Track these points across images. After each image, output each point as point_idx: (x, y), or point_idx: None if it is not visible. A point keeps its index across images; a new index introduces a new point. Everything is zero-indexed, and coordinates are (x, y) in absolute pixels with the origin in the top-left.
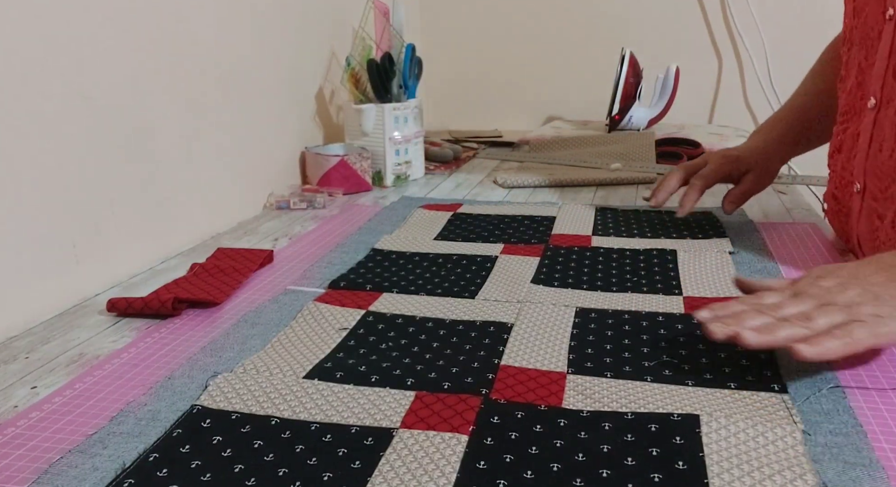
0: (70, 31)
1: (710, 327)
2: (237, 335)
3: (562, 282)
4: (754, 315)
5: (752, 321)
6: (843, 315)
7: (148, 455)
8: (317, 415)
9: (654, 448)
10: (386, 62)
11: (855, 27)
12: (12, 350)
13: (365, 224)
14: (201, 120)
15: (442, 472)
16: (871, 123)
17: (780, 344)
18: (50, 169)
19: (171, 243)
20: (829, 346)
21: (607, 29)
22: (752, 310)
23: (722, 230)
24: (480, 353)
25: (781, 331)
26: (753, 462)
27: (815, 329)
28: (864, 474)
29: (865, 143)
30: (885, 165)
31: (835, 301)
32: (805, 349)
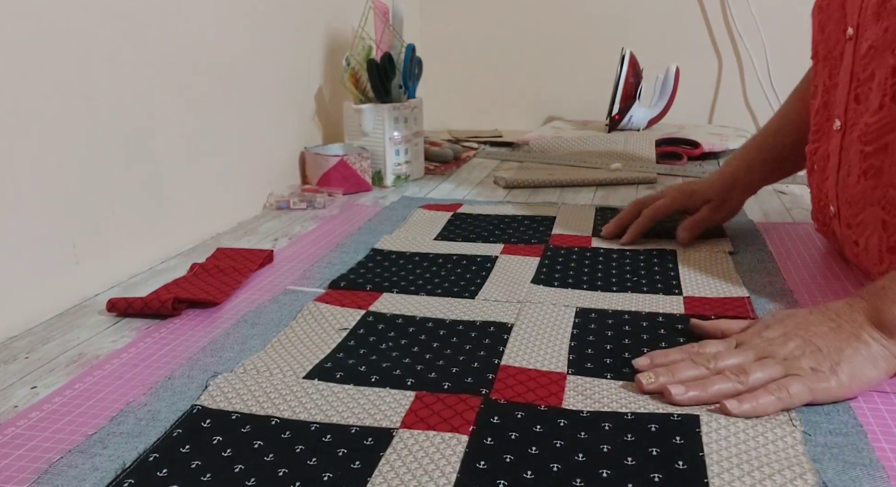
0: (70, 31)
1: (639, 378)
2: (237, 335)
3: (562, 282)
4: (689, 366)
5: (686, 372)
6: (781, 369)
7: (148, 455)
8: (317, 415)
9: (654, 447)
10: (386, 62)
11: (821, 43)
12: (12, 350)
13: (365, 224)
14: (201, 120)
15: (442, 472)
16: (838, 146)
17: (709, 400)
18: (50, 169)
19: (171, 243)
20: (762, 402)
21: (607, 29)
22: (688, 360)
23: (722, 231)
24: (480, 353)
25: (712, 386)
26: (753, 461)
27: (748, 384)
28: (863, 474)
29: (835, 166)
30: (853, 192)
31: (774, 354)
32: (734, 406)
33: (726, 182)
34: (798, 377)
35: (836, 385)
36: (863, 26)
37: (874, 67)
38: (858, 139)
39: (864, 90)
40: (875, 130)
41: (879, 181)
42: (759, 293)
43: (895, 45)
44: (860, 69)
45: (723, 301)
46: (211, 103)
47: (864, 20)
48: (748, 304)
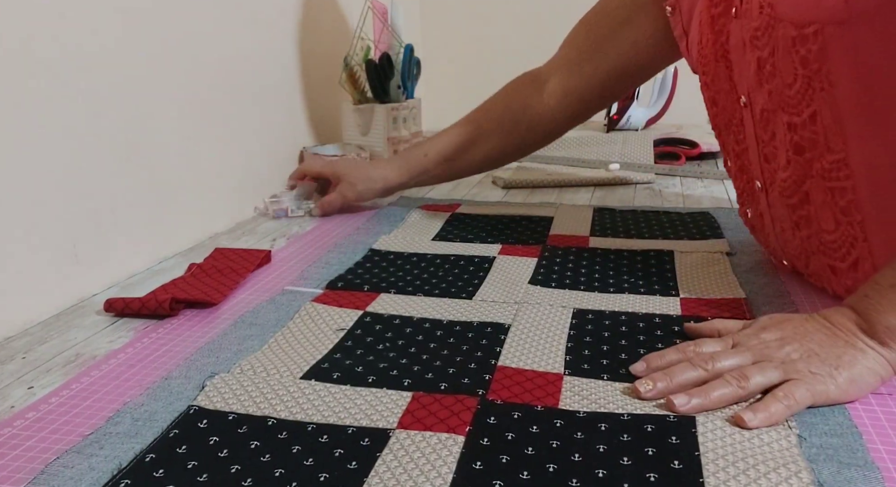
0: (70, 30)
1: (636, 385)
2: (234, 335)
3: (559, 283)
4: (687, 368)
5: (684, 375)
6: (779, 373)
7: (144, 455)
8: (314, 416)
9: (650, 448)
10: (384, 62)
11: (716, 115)
12: (9, 350)
13: (363, 225)
14: (199, 120)
15: (438, 473)
16: (765, 204)
17: (711, 407)
18: (49, 169)
19: (169, 243)
20: (773, 411)
21: None
22: (686, 362)
23: (719, 232)
24: (477, 354)
25: (713, 392)
26: (749, 460)
27: (748, 389)
28: (858, 474)
29: (770, 224)
30: (794, 245)
31: (771, 357)
32: (750, 418)
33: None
34: (799, 381)
35: (834, 389)
36: (752, 93)
37: (773, 127)
38: (780, 195)
39: (769, 149)
40: (791, 184)
41: (811, 230)
42: (756, 295)
43: (782, 104)
44: (761, 131)
45: (720, 302)
46: (209, 103)
47: (751, 87)
48: (745, 305)
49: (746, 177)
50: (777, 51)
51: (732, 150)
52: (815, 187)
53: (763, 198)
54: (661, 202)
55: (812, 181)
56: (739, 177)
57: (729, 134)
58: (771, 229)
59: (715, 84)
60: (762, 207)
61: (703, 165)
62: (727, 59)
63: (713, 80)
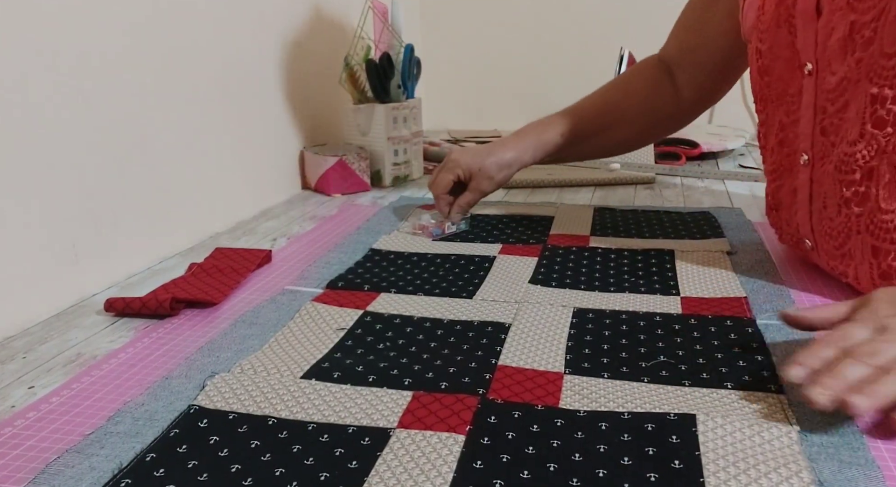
0: (70, 31)
1: (812, 395)
2: (235, 335)
3: (559, 282)
4: (852, 365)
5: (852, 372)
6: None
7: (145, 455)
8: (314, 415)
9: (650, 447)
10: (384, 62)
11: (767, 85)
12: (10, 350)
13: (363, 224)
14: (199, 120)
15: (439, 472)
16: (807, 180)
17: (886, 403)
18: (49, 169)
19: (170, 242)
20: None
21: (607, 29)
22: (847, 358)
23: (720, 231)
24: (478, 353)
25: (883, 387)
26: (749, 459)
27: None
28: (859, 473)
29: (805, 200)
30: (833, 223)
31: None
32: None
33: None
34: None
35: None
36: (824, 61)
37: (847, 97)
38: (836, 169)
39: (832, 121)
40: (857, 159)
41: (865, 208)
42: (756, 293)
43: (872, 74)
44: (827, 102)
45: (720, 301)
46: (209, 103)
47: (827, 55)
48: (746, 304)
49: (788, 150)
50: (885, 16)
51: (778, 122)
52: (886, 163)
53: (806, 172)
54: (661, 202)
55: (886, 157)
56: (778, 150)
57: (779, 105)
58: (804, 205)
59: (772, 51)
60: (800, 181)
61: (704, 165)
62: (791, 24)
63: (771, 47)
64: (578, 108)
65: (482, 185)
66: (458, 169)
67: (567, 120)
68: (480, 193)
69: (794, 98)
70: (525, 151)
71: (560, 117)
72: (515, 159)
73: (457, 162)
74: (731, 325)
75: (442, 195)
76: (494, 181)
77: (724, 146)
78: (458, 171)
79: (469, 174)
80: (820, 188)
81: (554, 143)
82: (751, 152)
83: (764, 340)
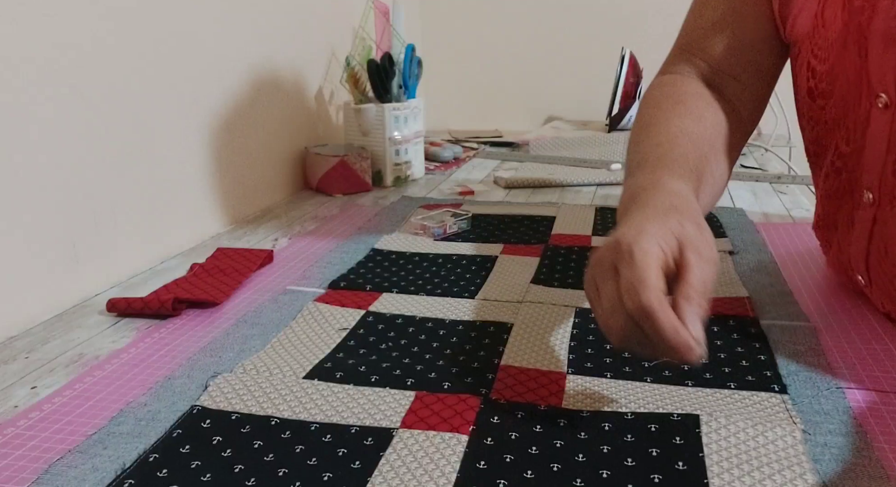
0: (70, 30)
1: None
2: (237, 335)
3: (561, 282)
4: None
5: None
6: None
7: (148, 455)
8: (317, 415)
9: (653, 448)
10: (386, 62)
11: (820, 108)
12: (12, 350)
13: (365, 224)
14: (200, 119)
15: (442, 472)
16: (870, 220)
17: None
18: (50, 169)
19: (171, 243)
20: None
21: (607, 29)
22: None
23: (722, 231)
24: (480, 353)
25: None
26: (753, 461)
27: None
28: (863, 474)
29: (864, 237)
30: (894, 269)
31: None
32: None
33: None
34: None
35: None
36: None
37: None
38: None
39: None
40: None
41: None
42: (758, 293)
43: None
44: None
45: (722, 301)
46: (210, 103)
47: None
48: (748, 304)
49: (847, 177)
50: None
51: (834, 146)
52: None
53: (870, 211)
54: None
55: None
56: (833, 176)
57: (838, 130)
58: (862, 243)
59: (833, 73)
60: (860, 217)
61: None
62: (862, 45)
63: (831, 68)
64: (673, 157)
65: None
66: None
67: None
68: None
69: (857, 126)
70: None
71: (665, 173)
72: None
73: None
74: (733, 325)
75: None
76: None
77: None
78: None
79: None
80: (884, 230)
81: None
82: (752, 152)
83: (767, 340)
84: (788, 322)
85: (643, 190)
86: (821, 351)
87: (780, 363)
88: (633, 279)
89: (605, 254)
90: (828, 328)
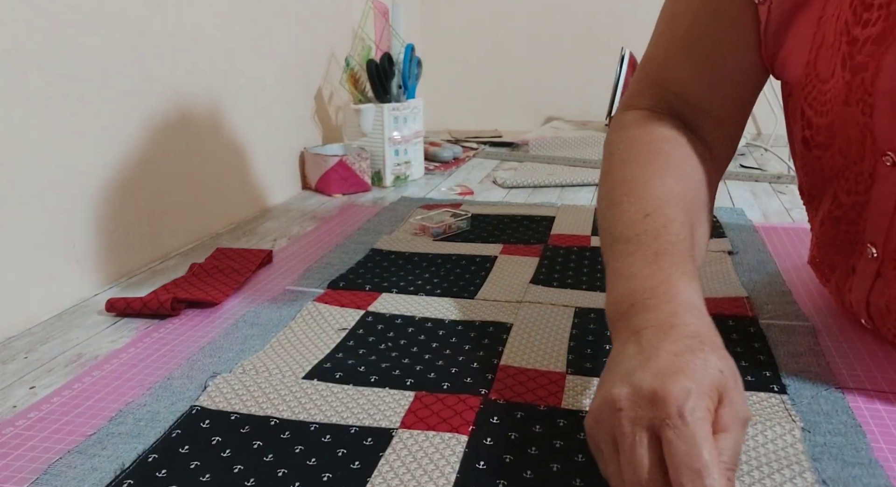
0: (70, 30)
1: None
2: (236, 335)
3: (561, 282)
4: None
5: None
6: None
7: (147, 455)
8: (316, 415)
9: None
10: (385, 62)
11: (816, 158)
12: (11, 350)
13: (364, 224)
14: (200, 119)
15: (441, 472)
16: (872, 274)
17: None
18: (50, 169)
19: (171, 242)
20: None
21: (607, 29)
22: None
23: (721, 231)
24: (480, 353)
25: None
26: (753, 461)
27: None
28: (862, 473)
29: (864, 289)
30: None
31: None
32: None
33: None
34: None
35: None
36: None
37: None
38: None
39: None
40: None
41: None
42: (758, 294)
43: None
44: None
45: (722, 301)
46: (210, 103)
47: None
48: (747, 304)
49: (846, 229)
50: None
51: (833, 196)
52: None
53: (873, 266)
54: None
55: None
56: (831, 226)
57: (836, 181)
58: (861, 293)
59: (833, 128)
60: (862, 270)
61: None
62: (867, 103)
63: (832, 123)
64: (671, 239)
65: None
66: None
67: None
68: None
69: (860, 179)
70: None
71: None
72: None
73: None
74: (733, 325)
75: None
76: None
77: None
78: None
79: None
80: (887, 287)
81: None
82: (751, 152)
83: (766, 340)
84: (787, 322)
85: (652, 295)
86: (820, 351)
87: (779, 363)
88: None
89: (630, 401)
90: (827, 328)
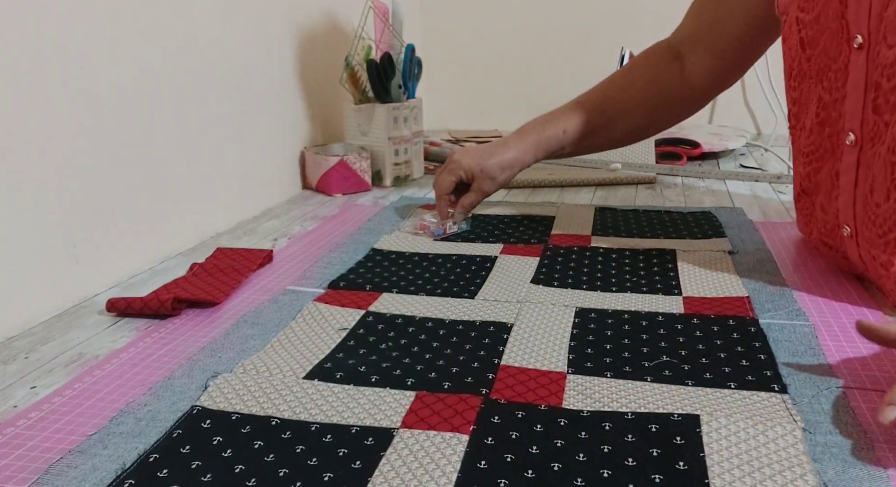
0: (70, 30)
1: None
2: (237, 335)
3: (561, 282)
4: None
5: None
6: None
7: (148, 455)
8: (317, 415)
9: (654, 448)
10: (385, 62)
11: (807, 59)
12: (12, 350)
13: (364, 224)
14: (201, 120)
15: (443, 472)
16: (853, 162)
17: None
18: (50, 169)
19: (171, 242)
20: None
21: (607, 29)
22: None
23: (721, 230)
24: (480, 353)
25: None
26: (754, 462)
27: None
28: (863, 473)
29: (850, 183)
30: (880, 210)
31: None
32: None
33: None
34: None
35: None
36: (878, 33)
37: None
38: (889, 151)
39: (888, 99)
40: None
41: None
42: (758, 293)
43: None
44: (882, 78)
45: (722, 301)
46: (210, 103)
47: (883, 26)
48: (748, 304)
49: (830, 131)
50: None
51: (817, 99)
52: None
53: (853, 154)
54: (662, 202)
55: None
56: (817, 131)
57: (819, 81)
58: (848, 189)
59: (818, 22)
60: (845, 164)
61: (705, 165)
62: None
63: (817, 17)
64: (581, 102)
65: (484, 186)
66: (459, 170)
67: (569, 115)
68: (483, 193)
69: (838, 74)
70: (527, 151)
71: (562, 113)
72: (517, 160)
73: (458, 163)
74: (733, 325)
75: (443, 196)
76: (496, 182)
77: (725, 146)
78: (460, 172)
79: (471, 175)
80: (868, 171)
81: (557, 140)
82: (751, 152)
83: (767, 339)
84: (788, 322)
85: None
86: (820, 351)
87: (779, 363)
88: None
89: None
90: (827, 328)
